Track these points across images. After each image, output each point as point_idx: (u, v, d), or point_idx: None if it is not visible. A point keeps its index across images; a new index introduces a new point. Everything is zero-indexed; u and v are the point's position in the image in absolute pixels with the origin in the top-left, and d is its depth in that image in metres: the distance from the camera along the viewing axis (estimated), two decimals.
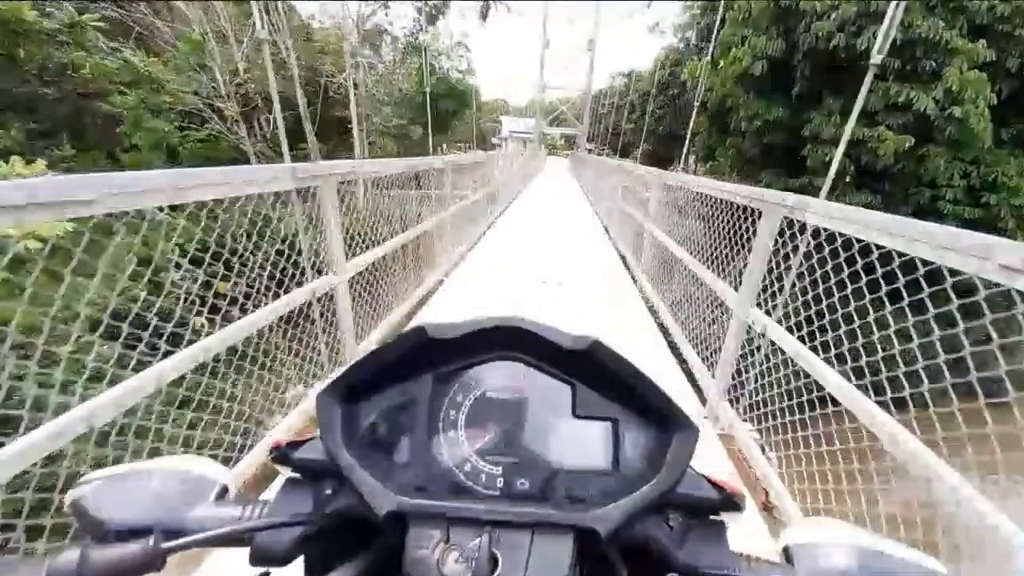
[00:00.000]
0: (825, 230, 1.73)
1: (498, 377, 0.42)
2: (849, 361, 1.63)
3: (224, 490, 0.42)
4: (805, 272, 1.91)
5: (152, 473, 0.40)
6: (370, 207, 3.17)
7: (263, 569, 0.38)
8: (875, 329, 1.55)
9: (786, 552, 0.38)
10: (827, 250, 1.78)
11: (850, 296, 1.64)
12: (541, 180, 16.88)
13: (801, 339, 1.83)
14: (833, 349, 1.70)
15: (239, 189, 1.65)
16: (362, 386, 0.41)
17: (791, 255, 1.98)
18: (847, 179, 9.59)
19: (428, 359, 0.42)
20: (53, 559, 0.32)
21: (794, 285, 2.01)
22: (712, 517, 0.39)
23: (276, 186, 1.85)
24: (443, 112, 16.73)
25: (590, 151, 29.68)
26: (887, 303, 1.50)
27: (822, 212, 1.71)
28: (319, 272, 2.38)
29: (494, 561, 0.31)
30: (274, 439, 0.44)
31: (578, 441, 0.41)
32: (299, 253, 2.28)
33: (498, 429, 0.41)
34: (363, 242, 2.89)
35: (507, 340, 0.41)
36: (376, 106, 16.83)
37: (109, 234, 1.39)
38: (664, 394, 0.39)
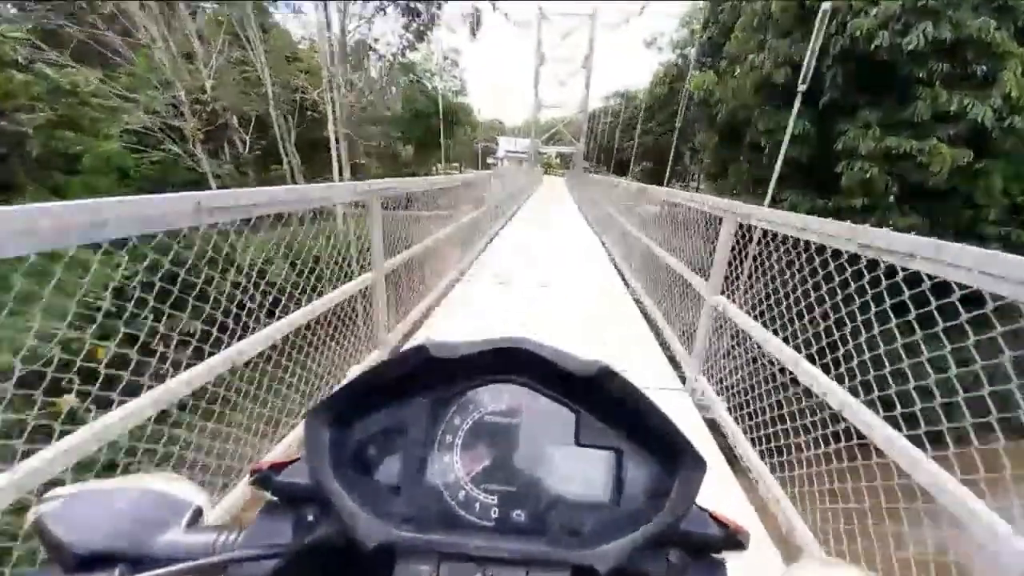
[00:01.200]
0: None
1: (498, 400, 0.41)
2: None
3: (198, 513, 0.38)
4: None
5: (122, 492, 0.37)
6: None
7: None
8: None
9: None
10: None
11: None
12: (533, 204, 15.63)
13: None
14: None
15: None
16: (355, 407, 0.39)
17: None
18: (890, 199, 8.33)
19: (426, 379, 0.40)
20: None
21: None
22: (713, 555, 0.37)
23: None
24: (433, 131, 15.56)
25: (587, 169, 28.76)
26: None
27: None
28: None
29: None
30: (255, 462, 0.42)
31: (579, 471, 0.39)
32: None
33: (495, 455, 0.39)
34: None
35: (511, 361, 0.39)
36: (361, 126, 15.69)
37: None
38: (673, 425, 0.37)
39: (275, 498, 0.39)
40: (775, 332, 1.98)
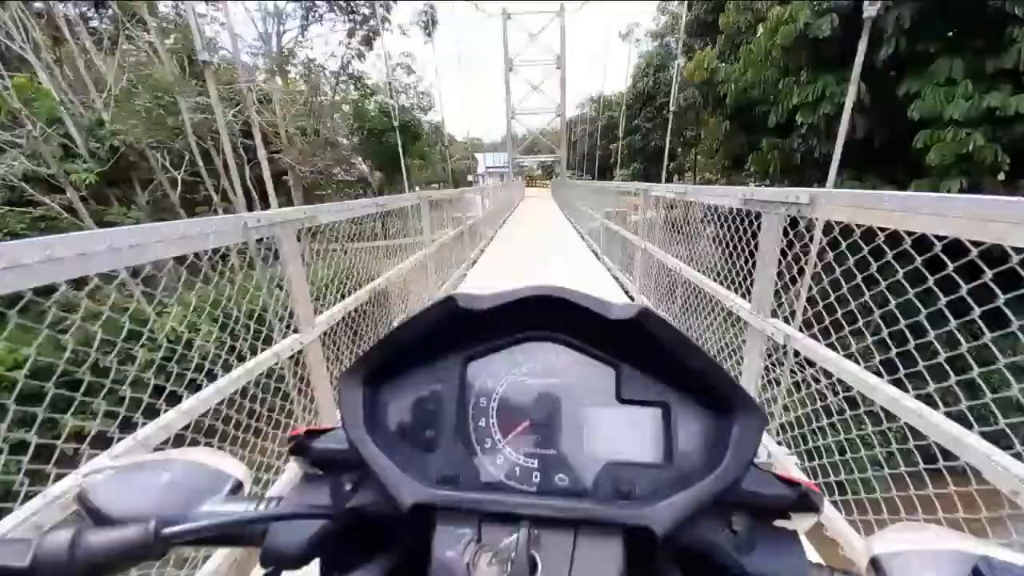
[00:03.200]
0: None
1: (533, 360, 0.38)
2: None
3: (238, 485, 0.38)
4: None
5: (164, 464, 0.37)
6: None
7: (272, 569, 0.34)
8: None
9: (875, 564, 0.31)
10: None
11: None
12: (514, 226, 13.30)
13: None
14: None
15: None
16: (387, 367, 0.38)
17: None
18: (998, 176, 6.11)
19: (457, 338, 0.38)
20: (42, 539, 0.28)
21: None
22: (783, 523, 0.34)
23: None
24: (392, 148, 13.24)
25: (571, 177, 26.73)
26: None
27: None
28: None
29: (532, 564, 0.27)
30: (293, 429, 0.40)
31: (624, 430, 0.36)
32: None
33: (533, 418, 0.37)
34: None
35: (543, 314, 0.37)
36: (303, 149, 13.37)
37: None
38: (724, 372, 0.34)
39: (312, 469, 0.38)
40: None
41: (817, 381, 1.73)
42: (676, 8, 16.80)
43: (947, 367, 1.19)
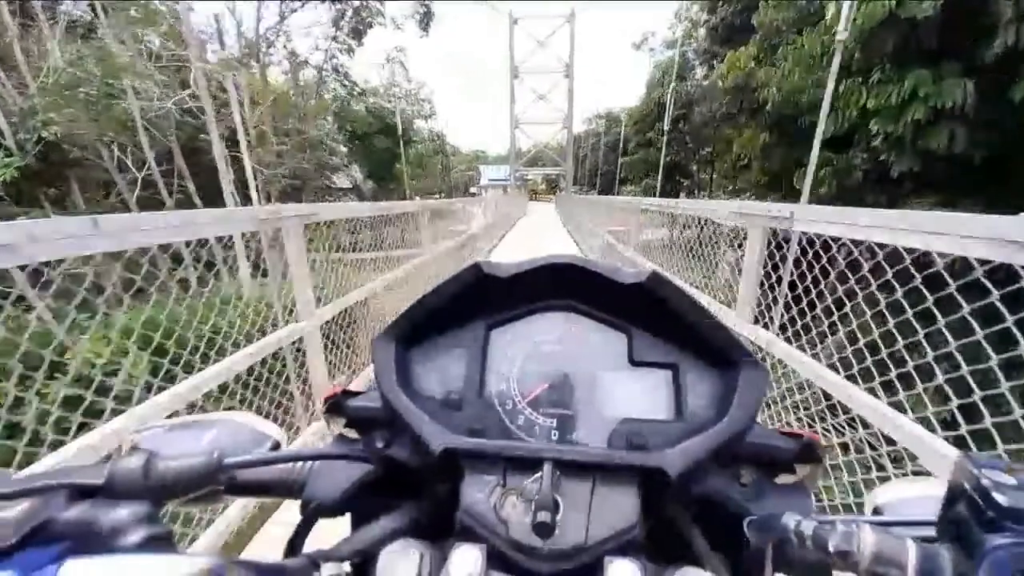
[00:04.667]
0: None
1: (551, 329, 0.41)
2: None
3: (276, 446, 0.41)
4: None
5: (210, 423, 0.40)
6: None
7: (310, 513, 0.36)
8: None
9: (876, 512, 0.34)
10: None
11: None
12: (512, 245, 11.70)
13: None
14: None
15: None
16: (417, 330, 0.40)
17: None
18: None
19: (481, 306, 0.41)
20: (117, 461, 0.30)
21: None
22: (790, 478, 0.35)
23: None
24: (380, 153, 11.69)
25: (577, 192, 25.28)
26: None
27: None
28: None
29: (555, 505, 0.28)
30: (328, 390, 0.42)
31: (637, 390, 0.39)
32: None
33: (551, 381, 0.39)
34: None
35: (560, 282, 0.39)
36: (281, 151, 11.85)
37: None
38: (727, 331, 0.36)
39: (346, 431, 0.40)
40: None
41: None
42: (696, 15, 15.48)
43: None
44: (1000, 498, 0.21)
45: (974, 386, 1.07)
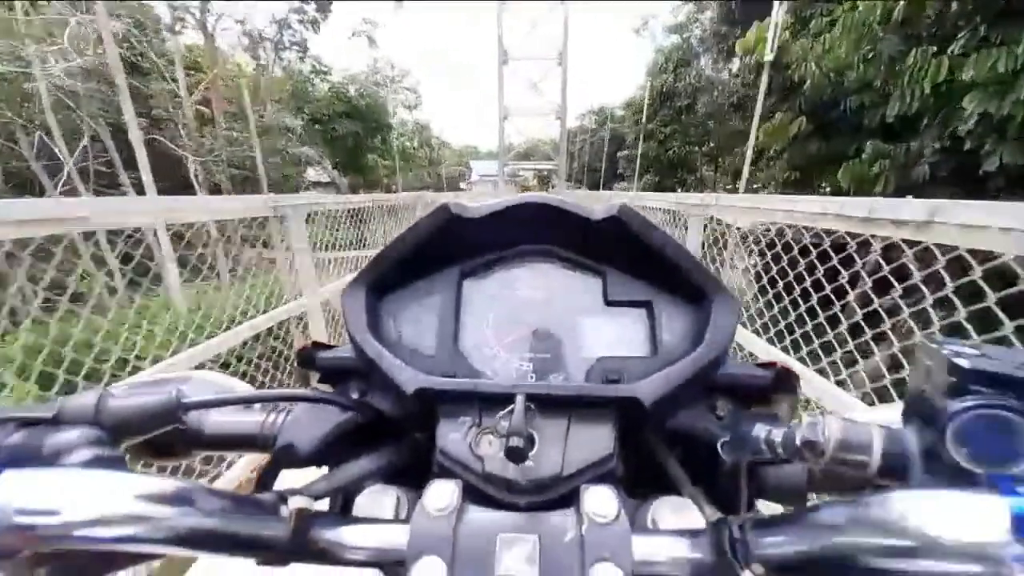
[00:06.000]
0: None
1: (526, 276, 0.41)
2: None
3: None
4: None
5: (177, 380, 0.37)
6: None
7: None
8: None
9: None
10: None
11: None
12: None
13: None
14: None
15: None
16: (388, 278, 0.39)
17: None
18: None
19: (453, 251, 0.40)
20: (66, 401, 0.29)
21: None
22: (765, 409, 0.36)
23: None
24: (342, 138, 9.99)
25: (570, 188, 23.73)
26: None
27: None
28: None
29: (530, 441, 0.28)
30: (300, 345, 0.40)
31: (613, 330, 0.38)
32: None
33: (527, 327, 0.39)
34: None
35: (534, 224, 0.39)
36: (229, 136, 10.10)
37: None
38: (698, 263, 0.36)
39: (319, 384, 0.39)
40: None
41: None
42: None
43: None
44: (962, 362, 0.21)
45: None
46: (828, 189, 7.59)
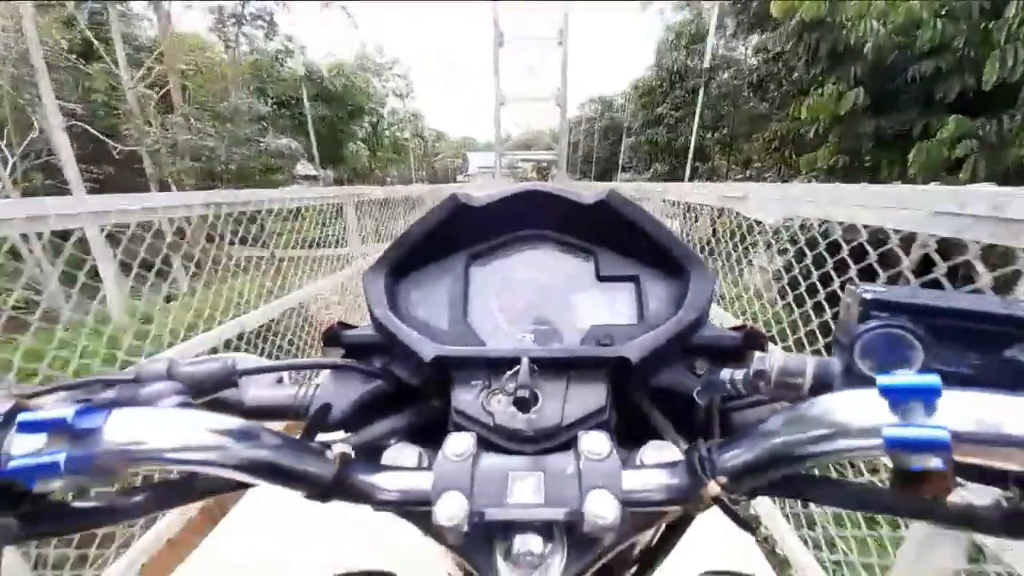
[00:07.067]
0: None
1: (526, 258, 0.45)
2: None
3: (280, 379, 0.44)
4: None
5: (216, 358, 0.40)
6: None
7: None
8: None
9: None
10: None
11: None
12: None
13: None
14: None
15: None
16: (404, 263, 0.43)
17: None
18: None
19: (461, 236, 0.44)
20: (143, 366, 0.34)
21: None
22: (736, 366, 0.38)
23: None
24: (314, 124, 8.70)
25: (571, 179, 22.39)
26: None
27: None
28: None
29: (534, 393, 0.32)
30: (326, 325, 0.44)
31: (604, 302, 0.43)
32: None
33: (528, 303, 0.43)
34: None
35: (532, 210, 0.43)
36: (179, 122, 8.79)
37: None
38: (680, 241, 0.40)
39: (344, 360, 0.42)
40: None
41: None
42: None
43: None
44: (867, 295, 0.26)
45: None
46: (888, 176, 6.33)
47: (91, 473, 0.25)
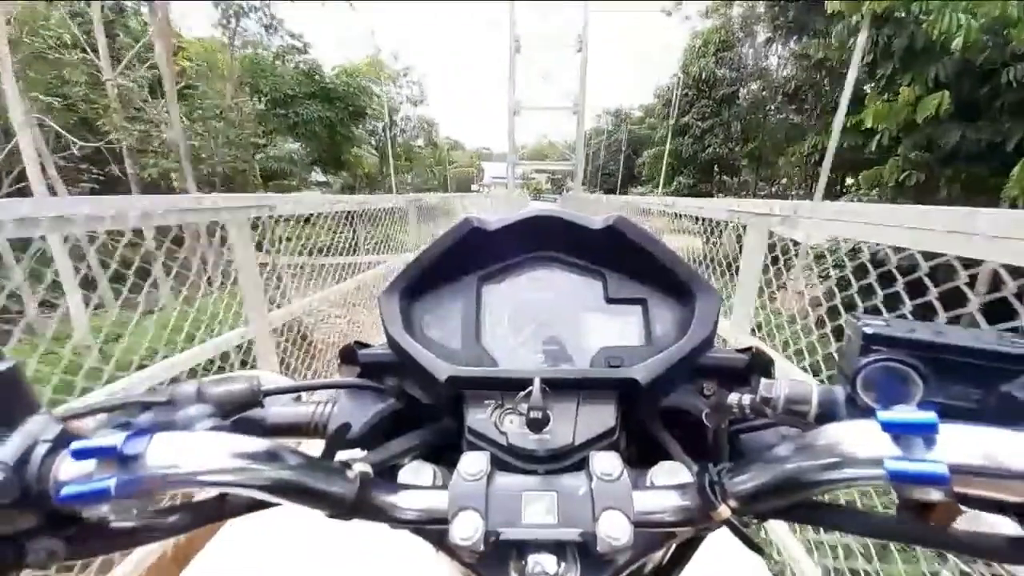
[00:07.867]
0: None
1: (536, 280, 0.45)
2: None
3: (298, 397, 0.45)
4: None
5: (237, 376, 0.42)
6: None
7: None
8: None
9: None
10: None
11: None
12: None
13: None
14: None
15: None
16: (418, 285, 0.43)
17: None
18: None
19: (474, 259, 0.44)
20: (174, 388, 0.36)
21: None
22: (743, 389, 0.38)
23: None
24: (311, 124, 7.96)
25: (587, 192, 21.56)
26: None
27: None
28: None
29: (546, 418, 0.32)
30: (343, 346, 0.46)
31: (613, 324, 0.42)
32: None
33: (539, 324, 0.43)
34: None
35: (543, 234, 0.43)
36: (155, 117, 8.12)
37: None
38: (686, 265, 0.41)
39: (359, 380, 0.44)
40: None
41: None
42: None
43: None
44: (868, 329, 0.27)
45: None
46: (967, 196, 5.33)
47: (136, 496, 0.26)
